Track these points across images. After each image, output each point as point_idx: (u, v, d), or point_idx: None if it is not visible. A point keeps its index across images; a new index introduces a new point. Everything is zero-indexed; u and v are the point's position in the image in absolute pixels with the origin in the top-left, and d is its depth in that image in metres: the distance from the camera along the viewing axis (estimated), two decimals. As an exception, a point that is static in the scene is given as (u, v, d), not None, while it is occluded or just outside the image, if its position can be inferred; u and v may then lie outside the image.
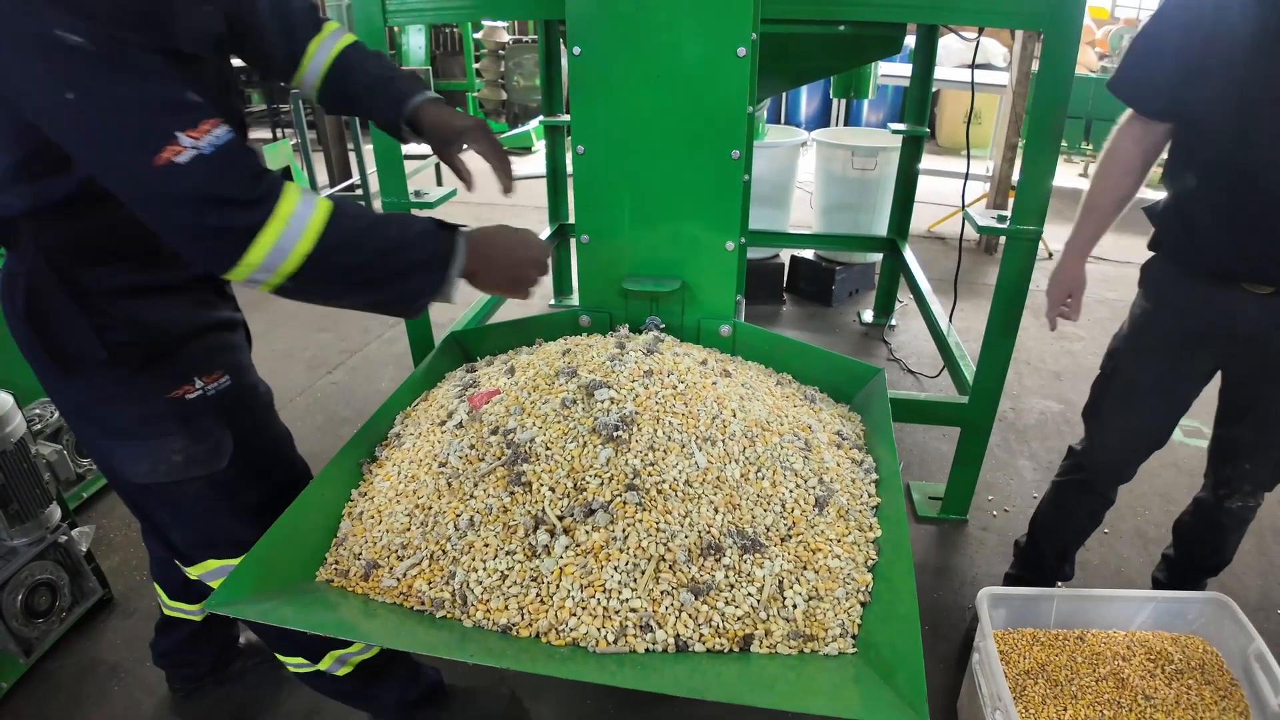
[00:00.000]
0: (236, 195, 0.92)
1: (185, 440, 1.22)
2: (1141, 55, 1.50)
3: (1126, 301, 4.14)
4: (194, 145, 0.89)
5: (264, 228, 0.93)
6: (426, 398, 1.44)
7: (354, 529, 1.18)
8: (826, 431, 1.27)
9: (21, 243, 1.07)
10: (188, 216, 0.92)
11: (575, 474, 1.06)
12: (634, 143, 1.41)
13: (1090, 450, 1.93)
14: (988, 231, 2.07)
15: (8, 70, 0.89)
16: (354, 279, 1.03)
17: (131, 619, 2.16)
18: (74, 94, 0.87)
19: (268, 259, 0.94)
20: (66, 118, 0.90)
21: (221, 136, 0.92)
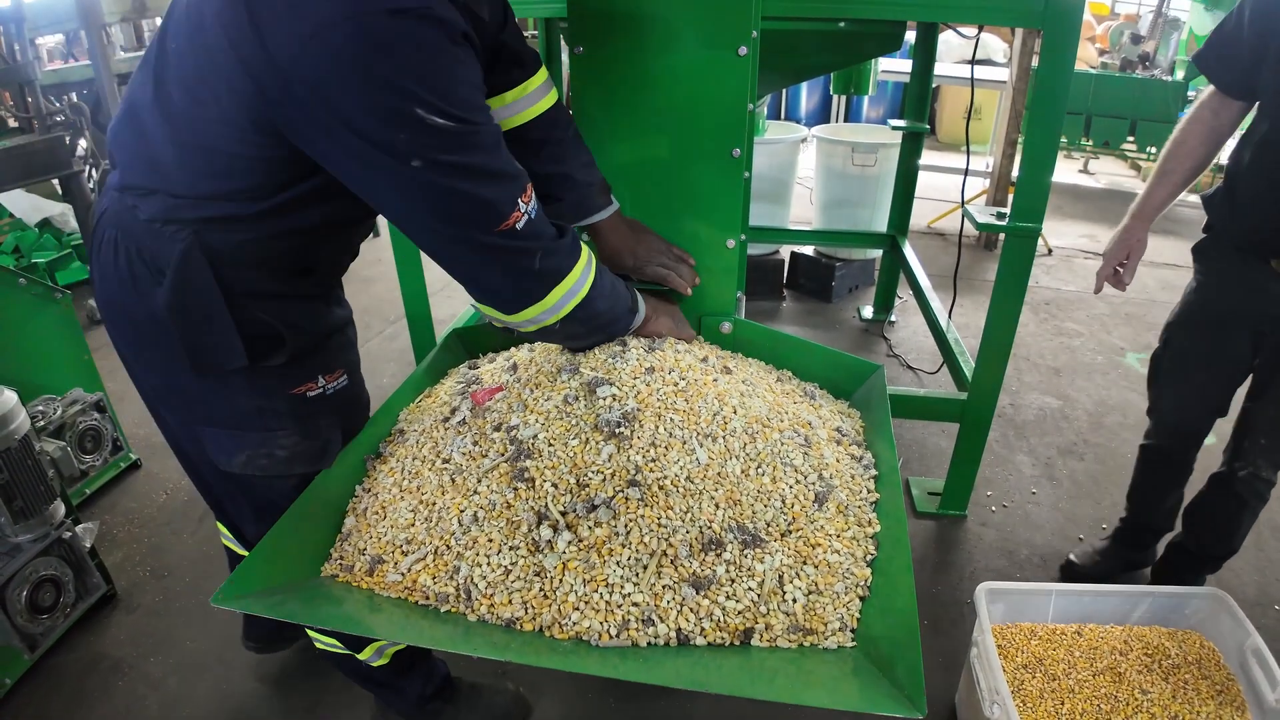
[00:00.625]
0: (552, 246, 1.06)
1: (296, 437, 1.23)
2: (1222, 35, 1.65)
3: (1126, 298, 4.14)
4: (527, 210, 1.02)
5: (574, 267, 1.10)
6: (430, 394, 1.45)
7: (359, 525, 1.19)
8: (826, 428, 1.28)
9: (181, 236, 1.06)
10: (513, 269, 1.05)
11: (578, 470, 1.07)
12: (635, 141, 1.42)
13: (1155, 417, 2.09)
14: (987, 228, 2.08)
15: (337, 129, 0.92)
16: (593, 323, 1.21)
17: (134, 615, 2.17)
18: (421, 163, 0.93)
19: (559, 301, 1.10)
20: (401, 187, 0.96)
21: (535, 199, 1.04)
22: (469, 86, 0.95)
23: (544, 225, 1.06)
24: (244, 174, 1.00)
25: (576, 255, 1.12)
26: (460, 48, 0.93)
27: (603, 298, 1.18)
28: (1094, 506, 2.70)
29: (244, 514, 1.38)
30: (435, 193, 0.96)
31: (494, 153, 0.99)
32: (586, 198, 1.36)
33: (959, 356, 2.54)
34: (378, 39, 0.86)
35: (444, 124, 0.91)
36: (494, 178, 0.99)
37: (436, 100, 0.90)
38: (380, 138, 0.91)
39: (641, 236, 1.43)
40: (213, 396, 1.19)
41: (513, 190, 1.01)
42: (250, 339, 1.11)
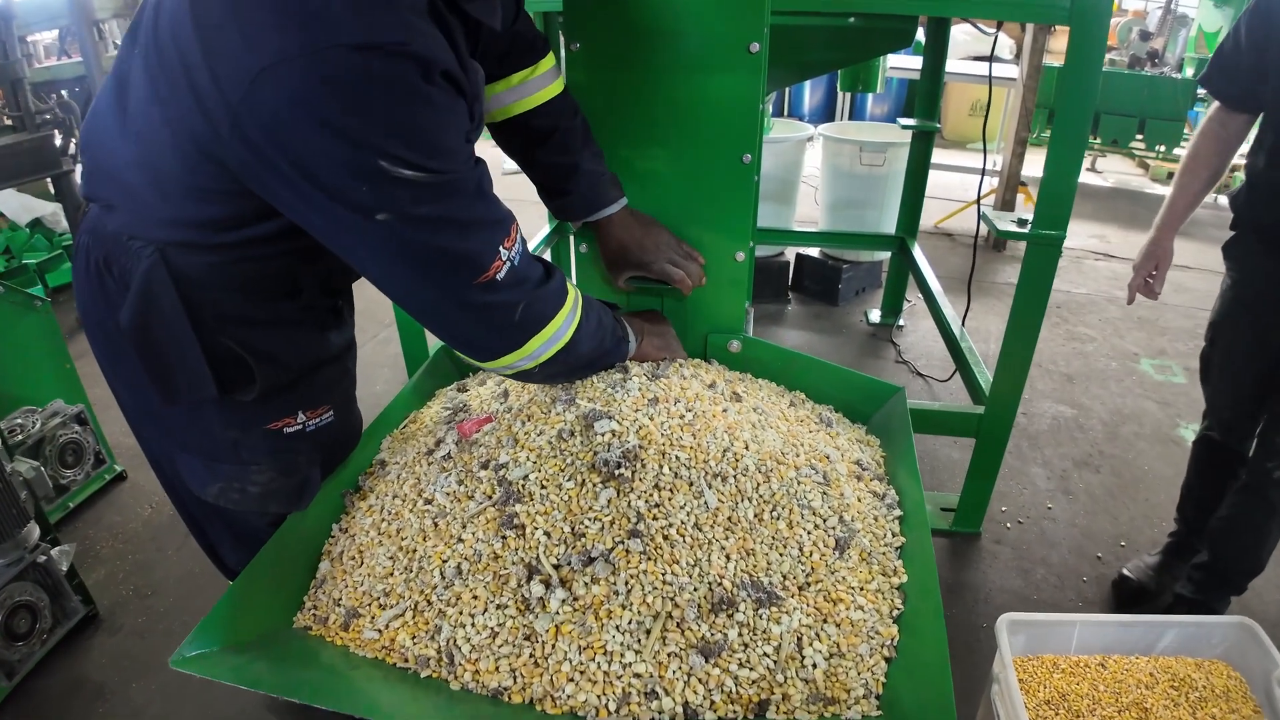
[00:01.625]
0: (535, 295, 0.97)
1: (271, 473, 1.13)
2: (1222, 54, 1.77)
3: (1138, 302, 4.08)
4: (509, 257, 0.92)
5: (558, 314, 1.01)
6: (415, 419, 1.34)
7: (334, 570, 1.09)
8: (845, 461, 1.17)
9: (146, 253, 0.95)
10: (492, 323, 0.96)
11: (572, 517, 0.97)
12: (636, 146, 1.31)
13: (1213, 415, 2.12)
14: (1008, 236, 1.97)
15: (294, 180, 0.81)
16: (575, 364, 1.11)
17: (117, 636, 2.10)
18: (387, 216, 0.83)
19: (540, 348, 1.01)
20: (367, 242, 0.86)
21: (519, 240, 0.95)
22: (445, 131, 0.84)
23: (529, 268, 0.97)
24: (204, 205, 0.89)
25: (563, 299, 1.02)
26: (437, 88, 0.82)
27: (588, 339, 1.09)
28: (1112, 522, 2.60)
29: (223, 540, 1.28)
30: (405, 248, 0.86)
31: (473, 199, 0.88)
32: (596, 191, 1.27)
33: (974, 367, 2.43)
34: (337, 79, 0.75)
35: (413, 176, 0.81)
36: (472, 227, 0.88)
37: (404, 151, 0.79)
38: (339, 190, 0.81)
39: (650, 230, 1.34)
40: (187, 422, 1.09)
41: (494, 238, 0.90)
42: (222, 368, 1.01)
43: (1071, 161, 1.87)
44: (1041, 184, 1.92)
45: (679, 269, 1.32)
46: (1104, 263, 4.87)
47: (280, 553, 1.10)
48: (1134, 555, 2.44)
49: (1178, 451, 3.00)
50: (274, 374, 1.05)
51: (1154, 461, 2.94)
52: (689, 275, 1.32)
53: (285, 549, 1.11)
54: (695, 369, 1.29)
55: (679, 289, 1.32)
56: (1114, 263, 4.87)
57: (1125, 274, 4.67)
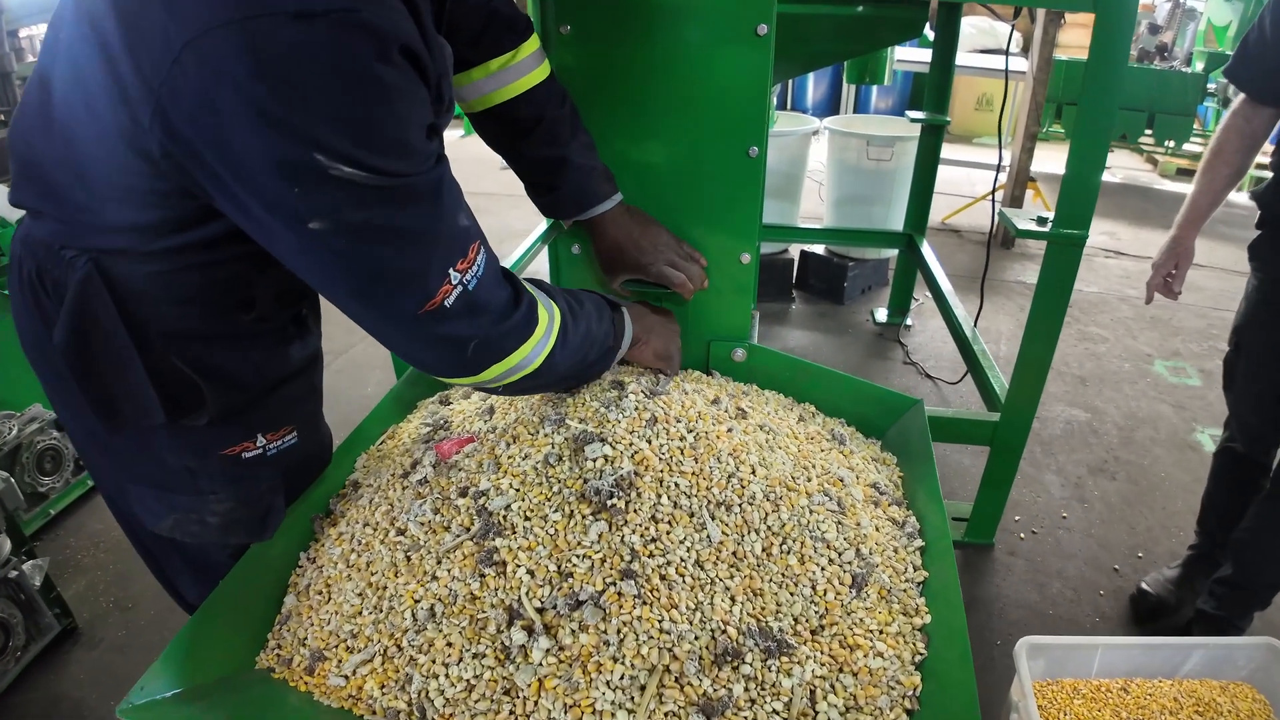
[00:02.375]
0: (493, 331, 0.85)
1: (231, 503, 1.02)
2: (1247, 46, 1.72)
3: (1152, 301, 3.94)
4: (460, 281, 0.80)
5: (521, 347, 0.89)
6: (394, 433, 1.24)
7: (299, 606, 0.99)
8: (861, 484, 1.07)
9: (79, 264, 0.83)
10: (438, 352, 0.85)
11: (559, 554, 0.86)
12: (633, 137, 1.20)
13: (1236, 422, 2.03)
14: (1027, 235, 1.86)
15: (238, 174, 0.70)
16: (549, 380, 1.00)
17: (96, 650, 2.03)
18: (321, 225, 0.71)
19: (503, 373, 0.90)
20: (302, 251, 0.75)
21: (481, 259, 0.83)
22: (400, 122, 0.71)
23: (490, 295, 0.84)
24: (137, 208, 0.78)
25: (528, 331, 0.90)
26: (394, 68, 0.69)
27: (566, 360, 0.97)
28: (1129, 532, 2.50)
29: (181, 575, 1.19)
30: (339, 261, 0.74)
31: (426, 209, 0.76)
32: (587, 186, 1.16)
33: (988, 371, 2.33)
34: (268, 54, 0.63)
35: (355, 175, 0.68)
36: (420, 243, 0.76)
37: (347, 145, 0.67)
38: (267, 190, 0.69)
39: (648, 229, 1.23)
40: (135, 451, 0.98)
41: (445, 258, 0.78)
42: (169, 390, 0.90)
43: (1095, 157, 1.77)
44: (1063, 181, 1.81)
45: (679, 271, 1.21)
46: (1115, 260, 4.76)
47: (242, 585, 1.00)
48: (1152, 567, 2.34)
49: (1194, 457, 2.91)
50: (228, 395, 0.94)
51: (1170, 468, 2.84)
52: (690, 278, 1.22)
53: (248, 580, 1.02)
54: (697, 383, 1.19)
55: (679, 293, 1.21)
56: (1125, 260, 4.76)
57: (1137, 271, 4.59)
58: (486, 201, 5.50)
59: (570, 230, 1.26)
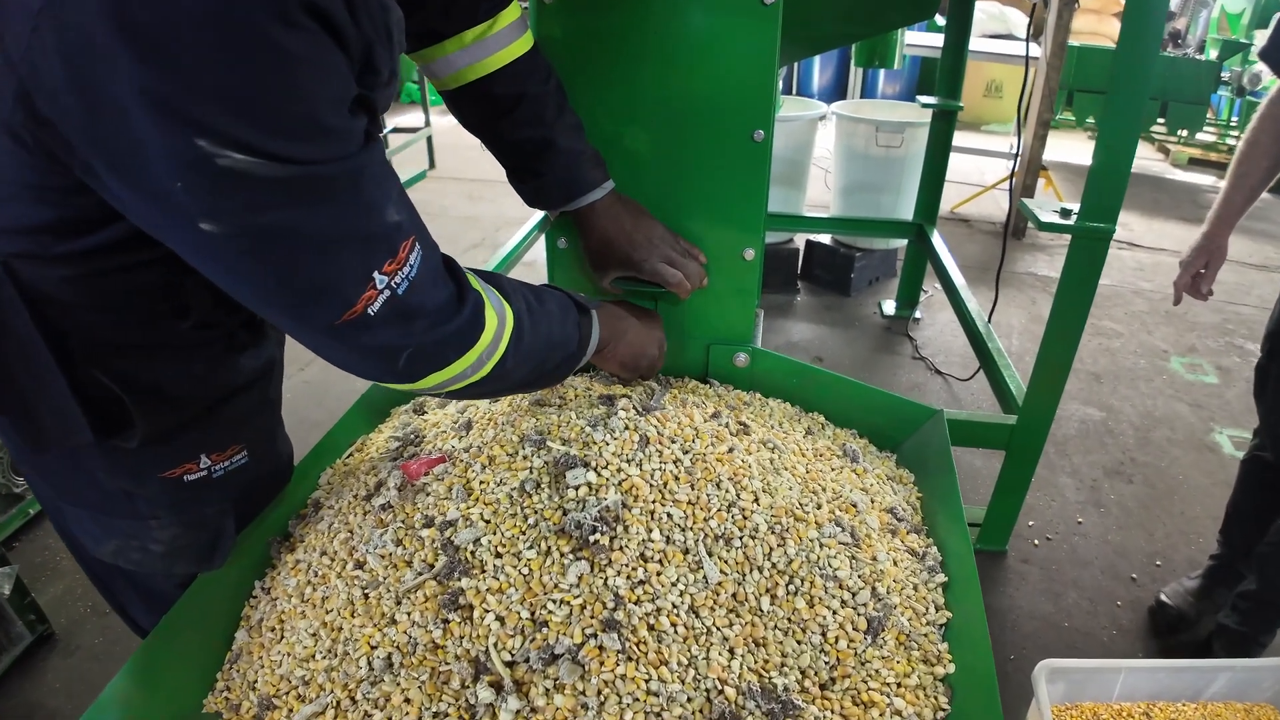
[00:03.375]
0: (427, 339, 0.73)
1: (176, 529, 0.92)
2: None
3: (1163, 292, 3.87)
4: (388, 285, 0.67)
5: (463, 356, 0.77)
6: (364, 445, 1.13)
7: (251, 643, 0.88)
8: (876, 510, 0.96)
9: None
10: (367, 361, 0.73)
11: (533, 598, 0.75)
12: (624, 118, 1.08)
13: (1264, 431, 1.94)
14: (1051, 228, 1.74)
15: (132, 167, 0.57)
16: (506, 388, 0.90)
17: (73, 658, 1.95)
18: (214, 227, 0.59)
19: (445, 382, 0.78)
20: (198, 252, 0.63)
21: (416, 258, 0.70)
22: (308, 97, 0.58)
23: (425, 297, 0.71)
24: (33, 206, 0.66)
25: (474, 336, 0.77)
26: (298, 31, 0.56)
27: (522, 365, 0.85)
28: (1146, 539, 2.40)
29: (132, 601, 1.10)
30: (241, 265, 0.62)
31: (345, 203, 0.63)
32: (574, 172, 1.03)
33: (1003, 370, 2.21)
34: (135, 18, 0.51)
35: (250, 164, 0.56)
36: (337, 245, 0.63)
37: (237, 127, 0.55)
38: (146, 185, 0.57)
39: (641, 222, 1.10)
40: (68, 472, 0.88)
41: (367, 260, 0.65)
42: (97, 407, 0.79)
43: (1125, 147, 1.65)
44: (1090, 171, 1.69)
45: (675, 268, 1.09)
46: (1128, 252, 4.63)
47: (191, 616, 0.90)
48: (1171, 576, 2.24)
49: (1213, 459, 2.80)
50: (162, 412, 0.83)
51: (1188, 470, 2.74)
52: (687, 276, 1.10)
53: (198, 611, 0.92)
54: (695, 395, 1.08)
55: (675, 293, 1.10)
56: (1139, 252, 4.64)
57: (1150, 264, 4.47)
58: (482, 189, 5.37)
59: (556, 221, 1.15)
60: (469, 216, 4.90)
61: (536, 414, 0.98)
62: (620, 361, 1.05)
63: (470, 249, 4.36)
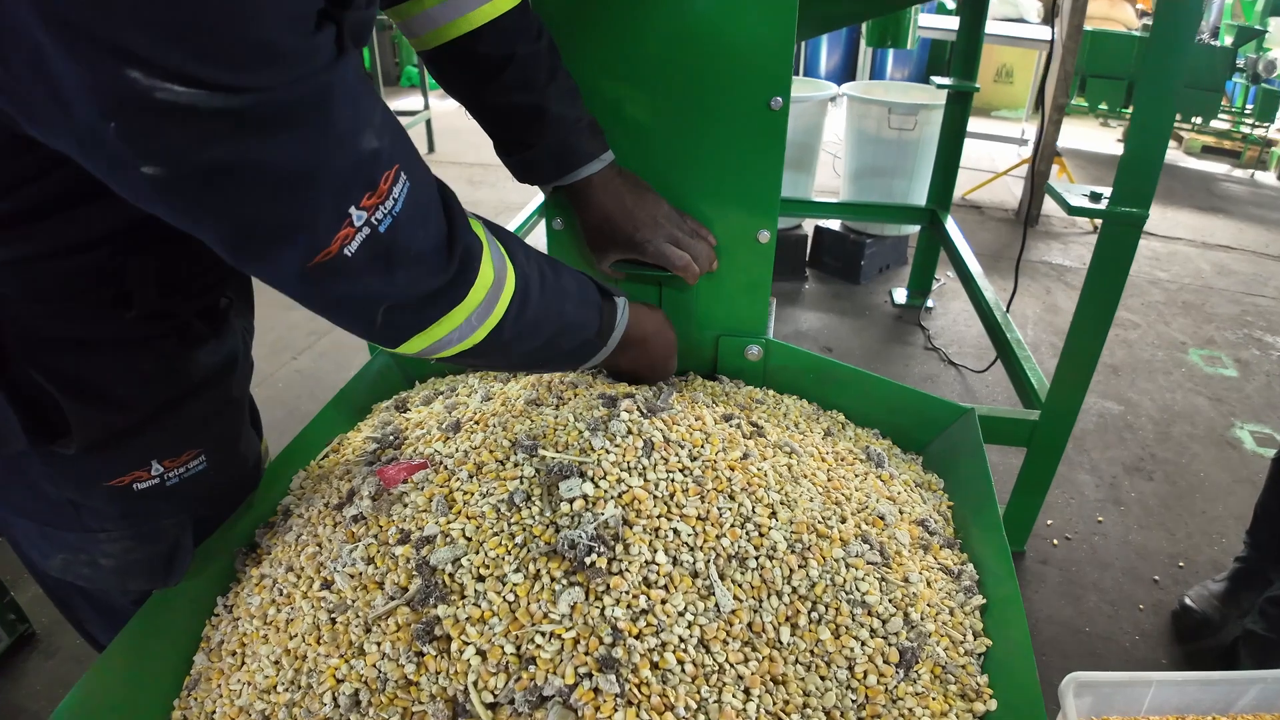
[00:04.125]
0: (411, 292, 0.63)
1: (126, 542, 0.83)
2: None
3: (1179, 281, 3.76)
4: (368, 221, 0.57)
5: (449, 314, 0.67)
6: (340, 445, 1.04)
7: (210, 668, 0.79)
8: (906, 523, 0.86)
9: None
10: (346, 320, 0.65)
11: (519, 630, 0.65)
12: (626, 86, 0.98)
13: None
14: (1081, 213, 1.64)
15: None
16: (513, 360, 0.83)
17: (54, 660, 1.88)
18: (156, 170, 0.49)
19: (435, 345, 0.69)
20: (143, 198, 0.53)
21: (401, 190, 0.59)
22: (258, 14, 0.47)
23: (412, 237, 0.61)
24: None
25: (463, 290, 0.67)
26: None
27: (525, 338, 0.75)
28: (1168, 539, 2.31)
29: (91, 619, 1.01)
30: (194, 211, 0.52)
31: (312, 131, 0.52)
32: (569, 142, 0.92)
33: (1023, 362, 2.11)
34: None
35: (193, 97, 0.46)
36: (304, 179, 0.53)
37: (173, 54, 0.44)
38: (75, 128, 0.47)
39: (644, 199, 0.99)
40: (8, 477, 0.79)
41: (341, 195, 0.55)
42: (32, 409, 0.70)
43: (1161, 124, 1.55)
44: (1124, 153, 1.59)
45: (682, 250, 0.99)
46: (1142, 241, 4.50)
47: (146, 637, 0.81)
48: (1194, 578, 2.15)
49: (1234, 456, 2.71)
50: (105, 415, 0.73)
51: (1209, 466, 2.65)
52: (696, 258, 0.99)
53: (155, 630, 0.82)
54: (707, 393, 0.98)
55: (681, 277, 0.99)
56: (1153, 241, 4.53)
57: (1165, 253, 4.36)
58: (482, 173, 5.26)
59: (551, 199, 1.04)
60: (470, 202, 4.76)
61: (531, 415, 0.88)
62: (649, 363, 0.97)
63: (469, 234, 4.25)
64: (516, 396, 0.95)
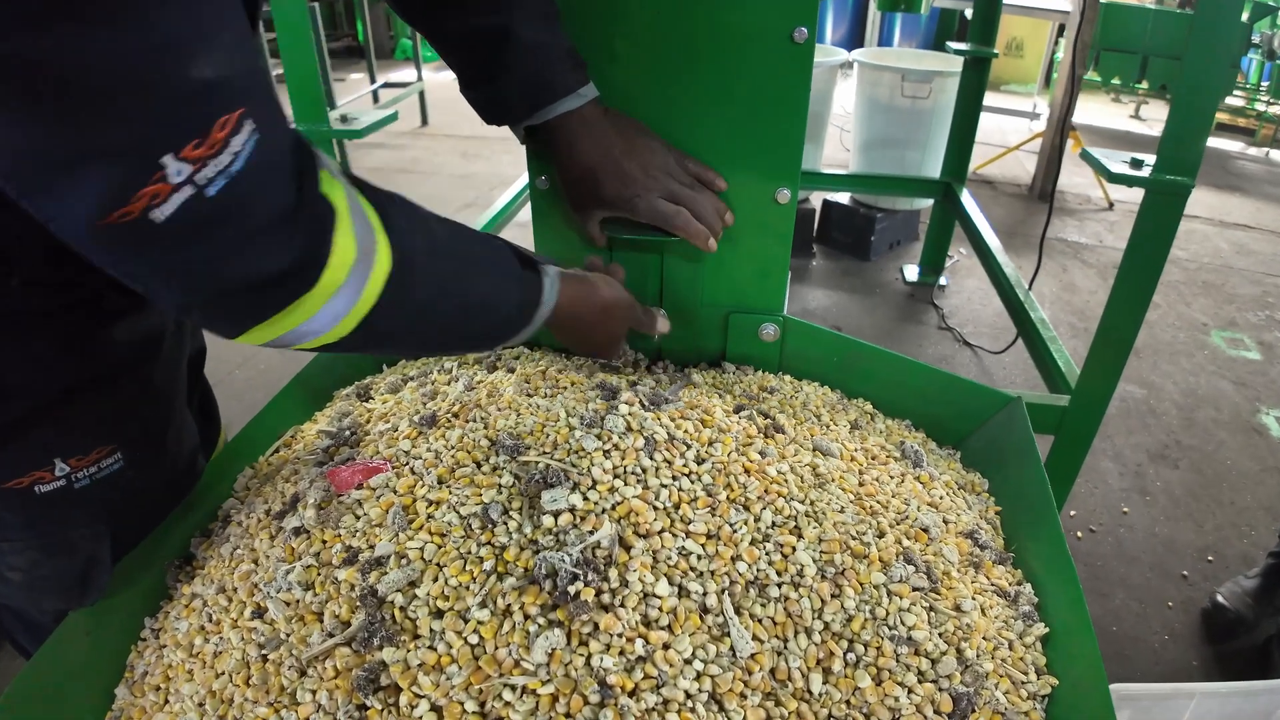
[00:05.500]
0: (248, 272, 0.48)
1: (32, 554, 0.73)
2: None
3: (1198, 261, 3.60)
4: (189, 179, 0.41)
5: (297, 302, 0.51)
6: (293, 440, 0.90)
7: (131, 704, 0.67)
8: (953, 536, 0.73)
9: None
10: (158, 296, 0.49)
11: (481, 682, 0.52)
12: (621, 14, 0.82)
13: None
14: (1122, 181, 1.49)
15: None
16: (405, 347, 0.75)
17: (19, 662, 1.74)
18: None
19: (296, 332, 0.53)
20: None
21: (246, 144, 0.44)
22: None
23: (250, 205, 0.45)
24: None
25: (306, 280, 0.50)
26: None
27: (414, 322, 0.60)
28: (1196, 531, 2.19)
29: (15, 629, 0.90)
30: None
31: (113, 29, 0.37)
32: (542, 73, 0.75)
33: (1049, 344, 1.97)
34: None
35: None
36: (99, 98, 0.38)
37: None
38: None
39: (637, 144, 0.82)
40: None
41: (153, 129, 0.40)
42: None
43: (1214, 91, 1.40)
44: (1169, 118, 1.44)
45: (685, 206, 0.82)
46: (1159, 218, 4.37)
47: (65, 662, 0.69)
48: (1224, 573, 2.04)
49: (1261, 443, 2.60)
50: None
51: (1235, 454, 2.53)
52: (699, 214, 0.82)
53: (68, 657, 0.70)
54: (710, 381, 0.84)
55: (690, 241, 0.84)
56: (1171, 218, 4.38)
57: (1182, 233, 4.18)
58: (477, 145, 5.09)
59: (534, 153, 0.89)
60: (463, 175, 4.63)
61: (520, 407, 0.74)
62: (591, 341, 0.82)
63: (464, 208, 4.10)
64: (505, 384, 0.81)
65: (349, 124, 1.65)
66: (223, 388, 2.51)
